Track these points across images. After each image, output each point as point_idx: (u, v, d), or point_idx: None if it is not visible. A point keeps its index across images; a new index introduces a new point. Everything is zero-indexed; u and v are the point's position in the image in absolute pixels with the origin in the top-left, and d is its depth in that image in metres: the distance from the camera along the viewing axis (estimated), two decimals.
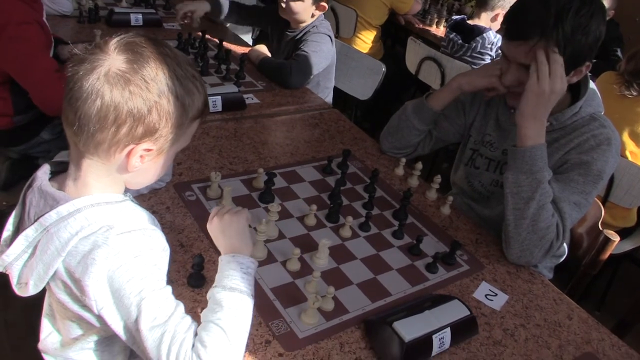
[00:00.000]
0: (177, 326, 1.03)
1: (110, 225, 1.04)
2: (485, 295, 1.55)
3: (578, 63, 1.60)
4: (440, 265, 1.61)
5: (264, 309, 1.34)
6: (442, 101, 1.93)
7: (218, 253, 1.45)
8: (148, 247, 1.06)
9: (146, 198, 1.61)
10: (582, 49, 1.55)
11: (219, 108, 2.19)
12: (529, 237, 1.62)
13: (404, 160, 2.03)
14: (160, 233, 1.11)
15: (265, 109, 2.32)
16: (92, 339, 1.19)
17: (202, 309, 1.15)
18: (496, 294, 1.56)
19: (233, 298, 1.11)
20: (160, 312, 1.02)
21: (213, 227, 1.27)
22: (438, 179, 1.93)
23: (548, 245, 1.62)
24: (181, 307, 1.06)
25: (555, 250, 1.63)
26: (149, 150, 1.07)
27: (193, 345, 1.02)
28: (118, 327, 1.03)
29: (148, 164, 1.10)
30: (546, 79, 1.58)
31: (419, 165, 1.99)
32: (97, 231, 1.03)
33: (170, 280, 1.21)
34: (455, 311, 1.38)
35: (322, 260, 1.52)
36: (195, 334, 1.04)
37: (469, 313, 1.38)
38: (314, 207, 1.65)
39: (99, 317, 1.04)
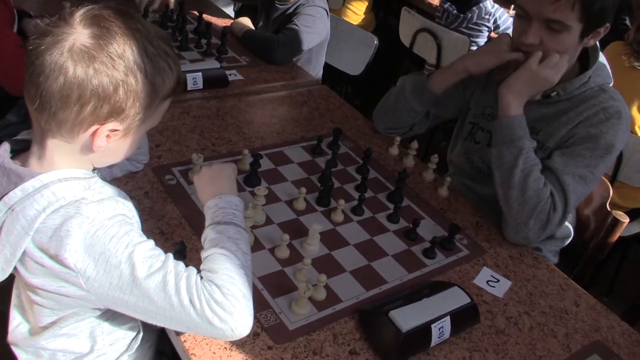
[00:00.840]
0: (177, 266, 1.05)
1: (80, 197, 1.05)
2: (487, 282, 1.56)
3: (600, 23, 1.61)
4: (439, 250, 1.62)
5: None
6: (444, 83, 1.91)
7: (200, 241, 1.45)
8: (121, 210, 1.08)
9: (122, 183, 1.60)
10: (607, 6, 1.57)
11: (200, 85, 2.17)
12: (520, 208, 1.64)
13: (398, 139, 2.03)
14: (134, 209, 1.12)
15: (250, 86, 2.31)
16: (65, 324, 1.19)
17: None
18: (498, 280, 1.57)
19: (231, 229, 1.15)
20: (153, 260, 1.04)
21: (200, 176, 1.30)
22: (435, 158, 1.93)
23: (545, 218, 1.63)
24: (172, 255, 1.08)
25: (555, 224, 1.65)
26: (115, 130, 1.07)
27: (201, 277, 1.05)
28: (112, 296, 1.03)
29: (115, 144, 1.10)
30: (550, 66, 1.62)
31: (415, 145, 1.98)
32: (66, 205, 1.04)
33: None
34: (455, 299, 1.38)
35: (312, 246, 1.52)
36: (198, 272, 1.07)
37: (469, 301, 1.39)
38: (304, 190, 1.65)
39: (88, 292, 1.04)
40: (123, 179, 1.62)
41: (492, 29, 3.67)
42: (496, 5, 3.69)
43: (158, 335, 1.44)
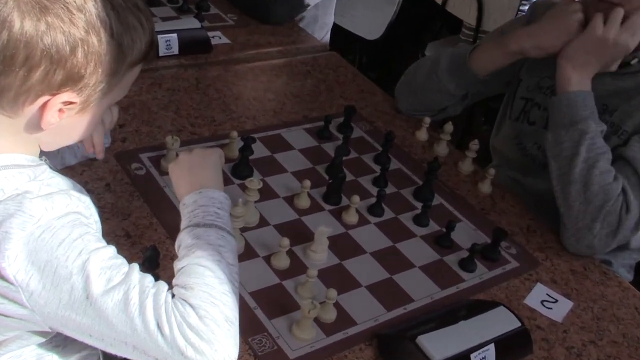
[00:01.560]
0: (143, 280, 1.04)
1: (24, 190, 1.04)
2: (542, 302, 1.56)
3: None
4: (479, 261, 1.62)
5: (241, 320, 1.33)
6: (491, 65, 1.91)
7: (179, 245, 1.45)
8: (75, 207, 1.07)
9: (77, 172, 1.61)
10: None
11: (175, 50, 2.17)
12: (582, 208, 1.65)
13: (428, 120, 2.03)
14: (92, 207, 1.12)
15: (238, 52, 2.31)
16: (5, 350, 1.19)
17: None
18: (556, 300, 1.57)
19: (213, 233, 1.15)
20: (113, 271, 1.03)
21: (177, 164, 1.31)
22: (475, 145, 1.93)
23: (615, 221, 1.64)
24: (136, 265, 1.07)
25: (628, 229, 1.65)
26: (70, 103, 1.06)
27: (173, 296, 1.05)
28: (61, 317, 1.02)
29: (69, 120, 1.10)
30: (615, 25, 1.63)
31: (449, 127, 1.99)
32: (4, 200, 1.03)
33: None
34: (500, 322, 1.38)
35: (319, 254, 1.52)
36: (169, 288, 1.06)
37: (519, 325, 1.39)
38: (307, 183, 1.65)
39: (31, 311, 1.04)
40: (78, 168, 1.62)
41: None
42: None
43: None
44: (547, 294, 1.58)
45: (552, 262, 1.68)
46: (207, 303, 1.05)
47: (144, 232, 1.49)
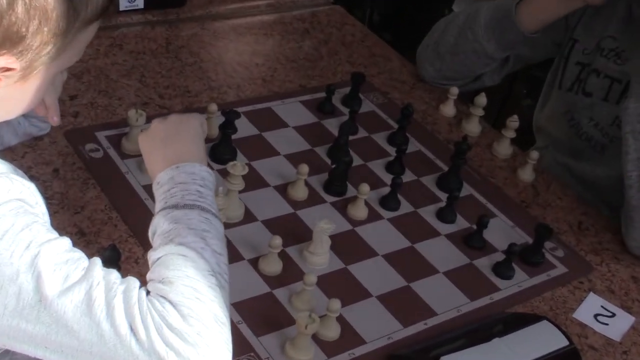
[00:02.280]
0: (109, 276, 1.05)
1: None
2: (596, 316, 1.58)
3: None
4: (518, 265, 1.64)
5: None
6: (544, 16, 1.91)
7: (142, 245, 1.47)
8: (18, 194, 1.08)
9: (18, 155, 1.62)
10: None
11: (140, 4, 2.18)
12: None
13: (456, 91, 2.05)
14: (37, 194, 1.13)
15: (218, 6, 2.32)
16: None
17: None
18: (614, 315, 1.59)
19: (195, 216, 1.17)
20: (71, 267, 1.04)
21: (149, 134, 1.33)
22: (514, 121, 1.95)
23: None
24: (98, 259, 1.08)
25: None
26: (8, 69, 1.07)
27: (148, 292, 1.06)
28: (8, 327, 1.02)
29: (7, 90, 1.10)
30: None
31: (482, 100, 2.00)
32: None
33: None
34: (544, 340, 1.40)
35: (319, 257, 1.54)
36: (142, 285, 1.08)
37: (567, 344, 1.41)
38: (305, 169, 1.66)
39: None
40: (19, 149, 1.63)
41: None
42: None
43: None
44: (602, 307, 1.60)
45: (609, 268, 1.70)
46: (191, 299, 1.06)
47: (101, 228, 1.51)
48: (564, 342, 1.41)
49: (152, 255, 1.14)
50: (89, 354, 1.04)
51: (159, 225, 1.17)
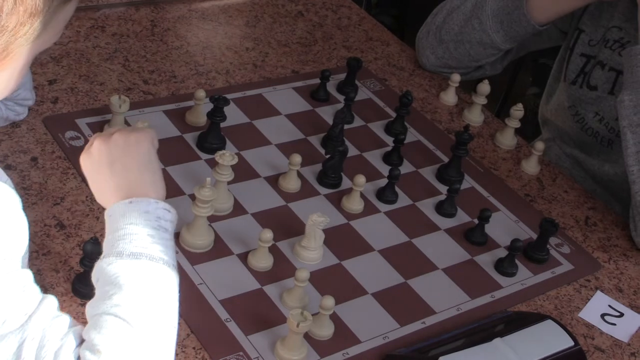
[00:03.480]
0: (47, 329, 1.05)
1: None
2: (603, 316, 1.59)
3: None
4: (522, 262, 1.65)
5: (209, 335, 1.37)
6: (558, 9, 1.93)
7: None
8: None
9: None
10: None
11: None
12: None
13: (457, 78, 2.06)
14: (11, 191, 1.11)
15: None
16: None
17: None
18: (622, 314, 1.60)
19: (138, 269, 1.12)
20: (11, 311, 1.03)
21: (91, 157, 1.26)
22: (519, 111, 1.95)
23: None
24: (52, 302, 1.08)
25: None
26: None
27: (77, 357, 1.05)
28: None
29: None
30: None
31: (485, 88, 2.01)
32: None
33: (40, 286, 1.23)
34: (547, 341, 1.40)
35: (312, 252, 1.54)
36: (80, 342, 1.06)
37: (572, 344, 1.41)
38: (297, 159, 1.67)
39: None
40: None
41: None
42: None
43: None
44: (609, 306, 1.61)
45: (617, 265, 1.71)
46: None
47: (81, 220, 1.51)
48: (569, 343, 1.41)
49: (88, 310, 1.11)
50: None
51: (101, 274, 1.14)
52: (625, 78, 1.76)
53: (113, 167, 1.24)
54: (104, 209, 1.51)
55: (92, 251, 1.36)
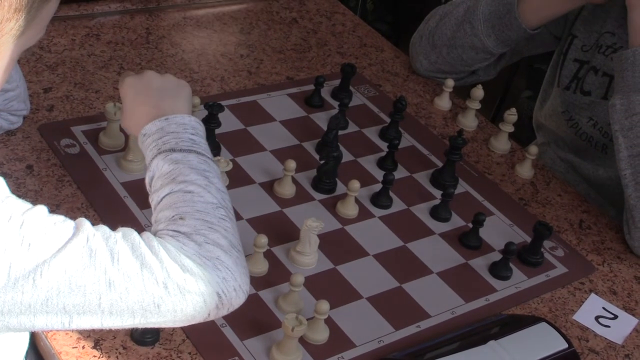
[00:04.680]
0: (100, 228, 1.08)
1: None
2: (597, 318, 1.60)
3: None
4: (516, 265, 1.66)
5: (205, 340, 1.38)
6: (547, 13, 1.94)
7: None
8: None
9: None
10: None
11: None
12: None
13: (451, 84, 2.06)
14: (4, 185, 1.12)
15: None
16: None
17: None
18: (616, 316, 1.61)
19: (193, 158, 1.21)
20: (60, 227, 1.05)
21: (142, 80, 1.37)
22: (513, 116, 1.96)
23: None
24: (86, 220, 1.11)
25: None
26: None
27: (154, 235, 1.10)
28: None
29: None
30: None
31: (479, 93, 2.02)
32: None
33: None
34: (542, 343, 1.41)
35: (306, 257, 1.55)
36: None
37: (566, 346, 1.42)
38: (292, 165, 1.67)
39: None
40: None
41: None
42: None
43: None
44: (603, 308, 1.62)
45: (610, 268, 1.72)
46: (204, 229, 1.10)
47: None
48: (563, 345, 1.42)
49: (154, 197, 1.17)
50: (97, 307, 1.05)
51: (157, 168, 1.21)
52: (615, 82, 1.77)
53: (162, 91, 1.33)
54: (99, 217, 1.54)
55: None
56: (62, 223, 1.06)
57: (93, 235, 1.06)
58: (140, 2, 2.22)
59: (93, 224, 1.09)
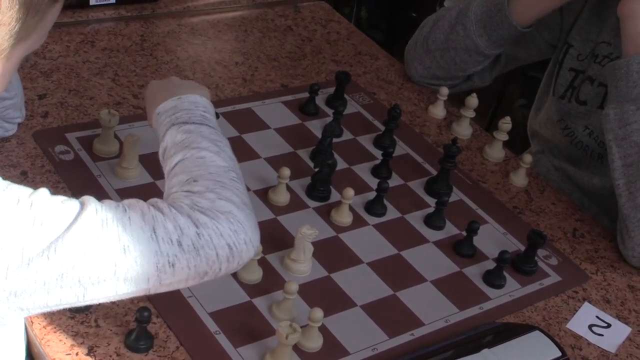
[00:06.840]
0: (107, 202, 1.11)
1: None
2: (590, 327, 1.60)
3: None
4: (510, 274, 1.66)
5: (199, 348, 1.38)
6: (537, 9, 1.94)
7: None
8: None
9: None
10: None
11: None
12: None
13: (446, 92, 2.07)
14: None
15: (196, 0, 2.33)
16: None
17: None
18: (609, 325, 1.61)
19: (204, 129, 1.27)
20: (67, 204, 1.07)
21: (164, 81, 1.46)
22: (507, 124, 1.97)
23: None
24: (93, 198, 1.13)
25: None
26: None
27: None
28: (14, 284, 1.04)
29: None
30: None
31: (474, 102, 2.02)
32: None
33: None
34: (535, 351, 1.42)
35: (301, 264, 1.56)
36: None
37: (559, 355, 1.43)
38: (286, 172, 1.68)
39: None
40: None
41: None
42: None
43: None
44: (597, 317, 1.62)
45: (604, 277, 1.73)
46: (217, 187, 1.14)
47: None
48: (557, 353, 1.43)
49: (167, 164, 1.22)
50: (112, 274, 1.07)
51: (170, 139, 1.26)
52: (609, 92, 1.78)
53: (181, 86, 1.40)
54: None
55: None
56: (68, 201, 1.08)
57: (101, 207, 1.08)
58: (135, 9, 2.23)
59: None
